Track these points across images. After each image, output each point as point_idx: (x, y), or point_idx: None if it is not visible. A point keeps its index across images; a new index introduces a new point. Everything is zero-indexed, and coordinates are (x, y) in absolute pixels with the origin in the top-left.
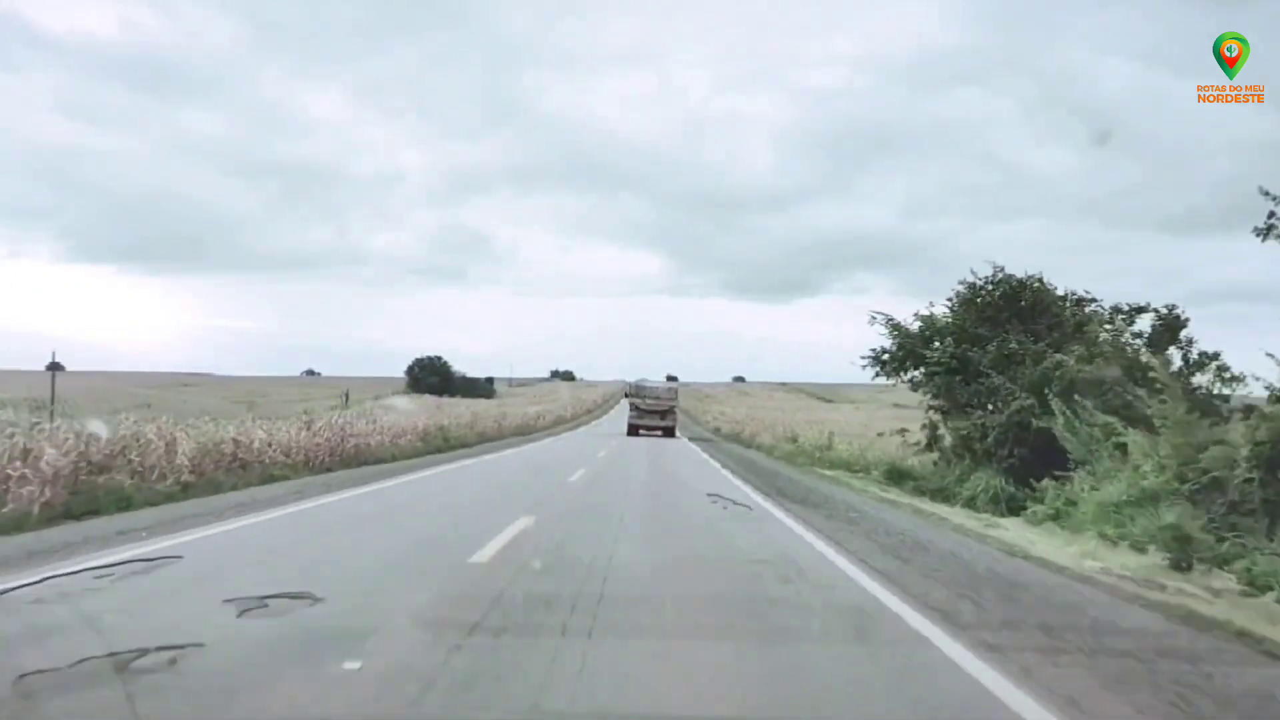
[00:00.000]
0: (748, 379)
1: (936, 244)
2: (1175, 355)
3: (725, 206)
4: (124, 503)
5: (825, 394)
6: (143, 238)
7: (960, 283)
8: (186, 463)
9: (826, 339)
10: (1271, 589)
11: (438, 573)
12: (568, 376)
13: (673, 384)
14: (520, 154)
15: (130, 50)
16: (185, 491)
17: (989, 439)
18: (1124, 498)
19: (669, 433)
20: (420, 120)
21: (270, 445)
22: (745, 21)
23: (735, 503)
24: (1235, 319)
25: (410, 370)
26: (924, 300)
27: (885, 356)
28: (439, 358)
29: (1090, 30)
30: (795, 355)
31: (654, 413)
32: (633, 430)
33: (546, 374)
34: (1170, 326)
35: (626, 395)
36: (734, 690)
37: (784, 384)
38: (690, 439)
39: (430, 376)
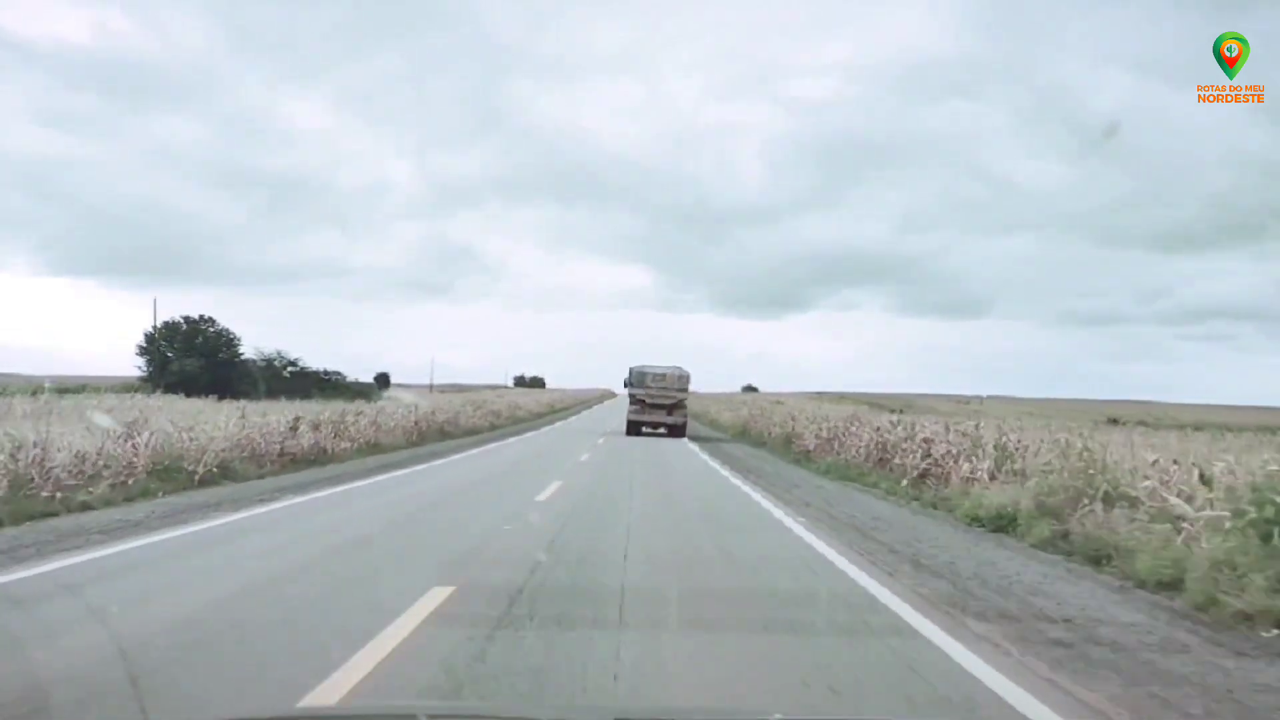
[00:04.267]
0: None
1: (928, 259)
2: None
3: (714, 220)
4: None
5: (891, 403)
6: (111, 251)
7: None
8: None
9: (833, 353)
10: None
11: None
12: (537, 383)
13: (682, 371)
14: (507, 165)
15: (107, 56)
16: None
17: None
18: None
19: (677, 432)
20: (405, 130)
21: None
22: (736, 29)
23: None
24: (1221, 336)
25: (148, 343)
26: (915, 316)
27: None
28: (226, 331)
29: (1084, 40)
30: (796, 368)
31: (660, 406)
32: (633, 429)
33: (509, 381)
34: None
35: (626, 385)
36: None
37: (820, 393)
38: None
39: (190, 356)
